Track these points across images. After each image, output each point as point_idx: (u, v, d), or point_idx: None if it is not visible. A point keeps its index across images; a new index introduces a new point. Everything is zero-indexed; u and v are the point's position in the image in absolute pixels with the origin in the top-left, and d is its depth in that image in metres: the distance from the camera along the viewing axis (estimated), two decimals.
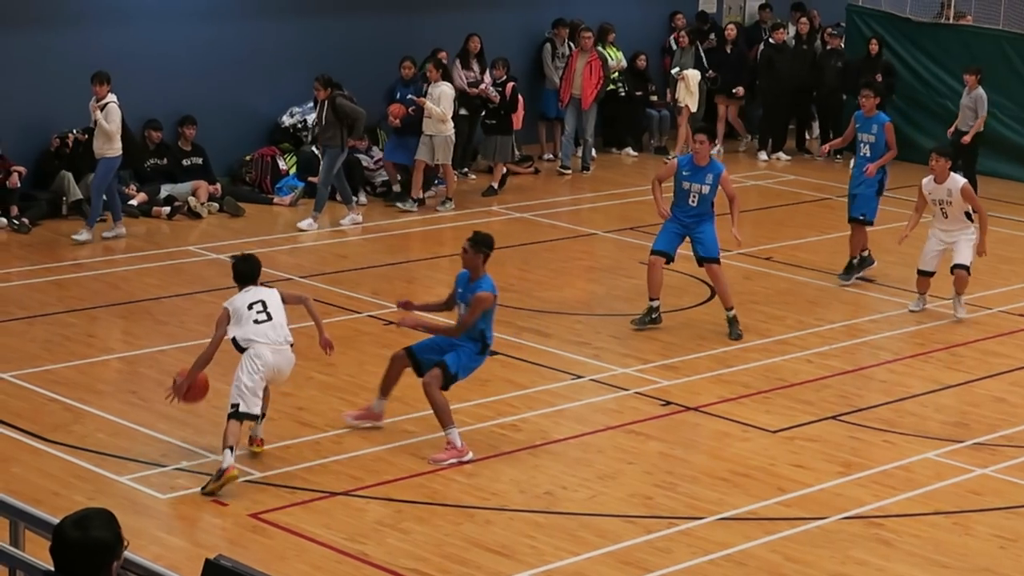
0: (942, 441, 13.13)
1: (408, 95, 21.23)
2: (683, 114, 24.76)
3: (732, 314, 15.77)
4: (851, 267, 17.81)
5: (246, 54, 21.79)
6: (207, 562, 6.74)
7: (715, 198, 15.81)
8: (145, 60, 20.87)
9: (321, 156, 20.05)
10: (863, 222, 17.73)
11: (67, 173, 19.70)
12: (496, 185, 22.17)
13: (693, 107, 24.79)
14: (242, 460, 12.04)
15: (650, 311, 15.87)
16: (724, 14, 27.70)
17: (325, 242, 19.50)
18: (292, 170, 21.66)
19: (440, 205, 21.10)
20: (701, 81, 24.87)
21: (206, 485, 11.50)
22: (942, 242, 16.34)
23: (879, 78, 24.23)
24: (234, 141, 21.63)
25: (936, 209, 16.34)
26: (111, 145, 18.50)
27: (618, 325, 16.01)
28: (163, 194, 20.43)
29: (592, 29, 23.96)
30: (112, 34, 20.62)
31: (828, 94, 25.00)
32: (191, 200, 20.33)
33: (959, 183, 16.19)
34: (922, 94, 25.01)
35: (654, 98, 25.52)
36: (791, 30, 26.01)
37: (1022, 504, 11.93)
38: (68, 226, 18.87)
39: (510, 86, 22.29)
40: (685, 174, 15.80)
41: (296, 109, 22.02)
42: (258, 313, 11.96)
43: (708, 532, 11.17)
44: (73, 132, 19.50)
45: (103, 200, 18.71)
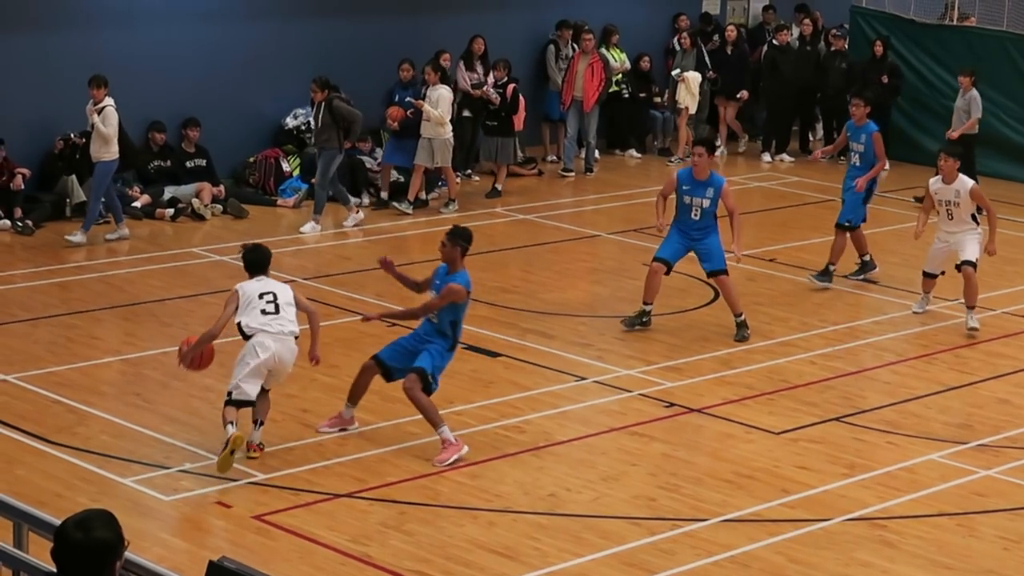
0: (946, 443, 13.12)
1: (407, 98, 21.20)
2: (682, 115, 24.77)
3: (741, 319, 15.77)
4: (827, 272, 17.69)
5: (250, 56, 21.80)
6: (210, 564, 6.74)
7: (717, 210, 15.77)
8: (149, 62, 20.88)
9: (317, 158, 20.02)
10: (847, 228, 17.65)
11: (71, 175, 19.70)
12: (500, 187, 22.17)
13: (692, 108, 24.78)
14: (244, 462, 12.06)
15: (641, 314, 15.86)
16: (728, 15, 27.70)
17: (328, 244, 19.51)
18: (296, 172, 21.66)
19: (443, 207, 21.10)
20: (702, 82, 24.89)
21: (219, 463, 11.77)
22: (946, 243, 16.26)
23: (885, 79, 24.26)
24: (238, 143, 21.64)
25: (942, 210, 16.23)
26: (108, 149, 18.49)
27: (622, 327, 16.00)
28: (167, 196, 20.43)
29: (594, 31, 23.96)
30: (116, 36, 20.63)
31: (833, 95, 24.99)
32: (195, 202, 20.34)
33: (968, 184, 16.08)
34: (926, 95, 24.99)
35: (658, 100, 25.52)
36: (795, 31, 26.01)
37: None
38: (71, 228, 18.86)
39: (511, 87, 22.28)
40: (685, 188, 15.76)
41: (300, 111, 22.02)
42: (267, 304, 12.16)
43: (712, 534, 11.17)
44: (71, 135, 19.49)
45: (103, 203, 18.71)
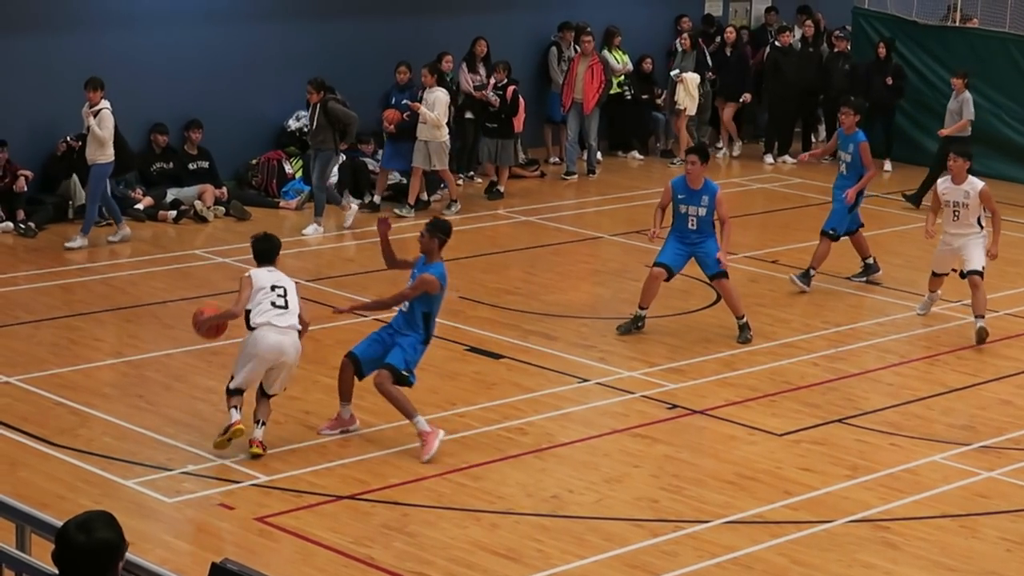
0: (949, 444, 13.11)
1: (403, 100, 21.16)
2: (681, 118, 24.77)
3: (743, 321, 15.76)
4: (806, 275, 17.65)
5: (252, 58, 21.80)
6: (213, 566, 6.73)
7: (714, 218, 15.74)
8: (151, 64, 20.88)
9: (314, 160, 19.99)
10: (832, 236, 17.60)
11: (74, 177, 19.70)
12: (502, 188, 22.16)
13: (691, 110, 24.76)
14: (248, 464, 12.06)
15: (636, 319, 15.84)
16: (730, 17, 27.70)
17: (331, 246, 19.52)
18: (298, 174, 21.66)
19: (446, 209, 21.10)
20: (702, 83, 24.89)
21: (215, 443, 12.13)
22: (949, 246, 16.11)
23: (889, 81, 24.26)
24: (240, 145, 21.64)
25: (948, 211, 16.05)
26: (103, 151, 18.49)
27: None
28: (169, 198, 20.44)
29: (594, 33, 23.93)
30: (118, 38, 20.63)
31: (836, 97, 24.95)
32: (197, 204, 20.34)
33: (978, 186, 15.90)
34: (928, 97, 24.98)
35: (660, 101, 25.53)
36: (797, 33, 26.01)
37: None
38: (74, 230, 18.85)
39: (511, 89, 22.24)
40: (680, 197, 15.72)
41: (302, 113, 21.99)
42: (278, 297, 12.27)
43: (714, 535, 11.16)
44: (67, 138, 19.47)
45: (100, 206, 18.70)
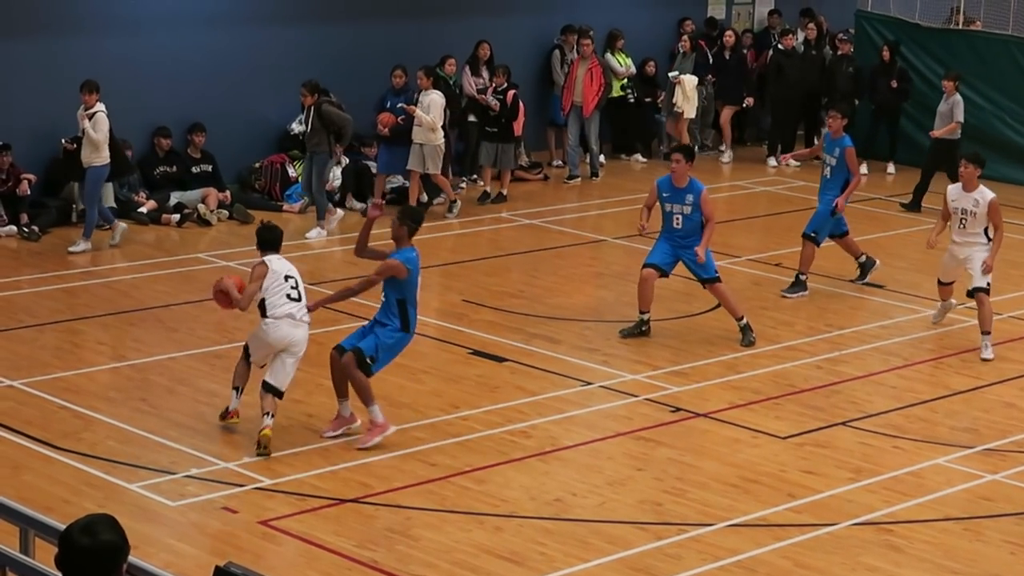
0: (952, 447, 13.10)
1: (399, 104, 21.14)
2: (681, 121, 24.76)
3: (743, 323, 15.75)
4: (798, 283, 17.62)
5: (255, 61, 21.80)
6: (217, 569, 6.73)
7: (701, 217, 15.72)
8: (155, 68, 20.90)
9: (311, 163, 19.96)
10: (812, 239, 17.54)
11: (77, 181, 19.69)
12: (505, 192, 22.16)
13: (689, 112, 24.74)
14: (251, 467, 12.07)
15: (639, 323, 15.84)
16: (733, 20, 27.70)
17: (334, 249, 19.53)
18: (301, 177, 21.65)
19: (448, 212, 21.09)
20: (700, 85, 24.89)
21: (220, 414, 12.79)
22: (955, 256, 15.82)
23: (894, 84, 24.26)
24: (243, 148, 21.65)
25: (955, 218, 15.81)
26: (99, 154, 18.48)
27: None
28: (172, 201, 20.45)
29: (592, 36, 23.91)
30: (122, 41, 20.65)
31: (840, 100, 24.96)
32: (201, 207, 20.36)
33: (988, 196, 15.61)
34: (931, 99, 24.88)
35: (659, 103, 25.50)
36: (800, 36, 26.01)
37: None
38: (78, 234, 18.85)
39: (511, 93, 22.19)
40: (665, 195, 15.73)
41: None
42: (292, 288, 12.59)
43: (718, 538, 11.16)
44: (63, 140, 19.47)
45: (91, 208, 18.70)
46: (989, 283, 15.62)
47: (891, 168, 24.73)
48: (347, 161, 21.76)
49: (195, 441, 12.60)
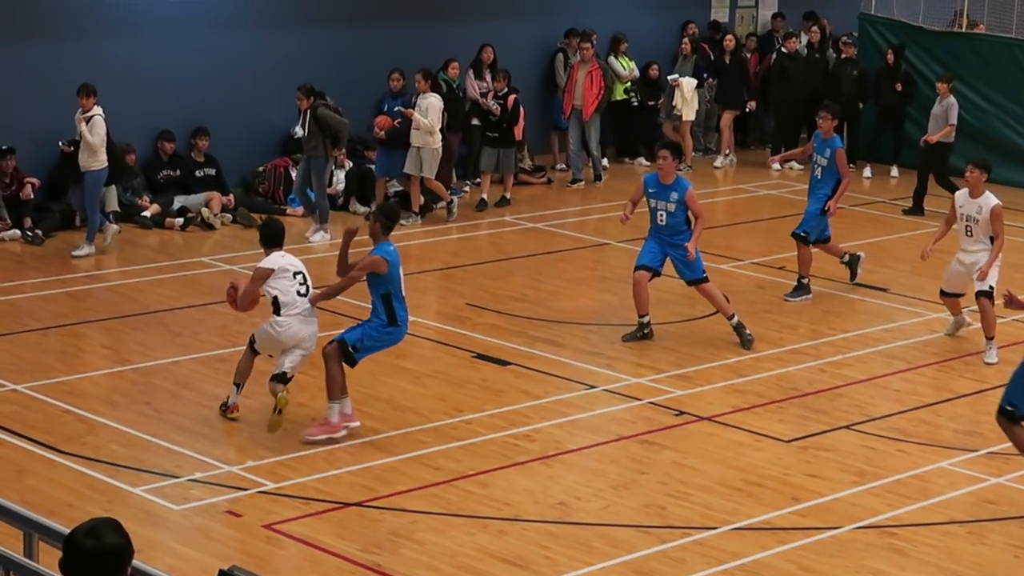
0: (956, 450, 13.10)
1: (396, 107, 21.12)
2: (683, 123, 24.78)
3: (735, 321, 15.74)
4: (800, 287, 17.60)
5: (259, 65, 21.82)
6: (221, 573, 6.75)
7: (688, 214, 15.70)
8: (158, 71, 20.92)
9: (310, 168, 19.92)
10: (804, 240, 17.55)
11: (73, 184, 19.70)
12: (508, 195, 22.16)
13: (688, 115, 24.73)
14: (256, 471, 12.08)
15: (641, 327, 15.84)
16: (736, 23, 27.71)
17: (337, 252, 19.47)
18: (295, 181, 21.63)
19: (448, 215, 21.05)
20: (699, 88, 24.88)
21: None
22: (962, 265, 15.71)
23: (899, 87, 24.25)
24: (247, 152, 21.66)
25: (961, 226, 15.70)
26: (96, 158, 18.47)
27: None
28: (176, 205, 20.47)
29: (593, 40, 23.90)
30: (125, 45, 20.67)
31: (845, 103, 24.97)
32: (204, 211, 20.37)
33: (991, 202, 15.50)
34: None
35: (658, 105, 25.48)
36: (803, 39, 26.01)
37: None
38: (81, 238, 18.86)
39: (512, 98, 22.15)
40: (651, 191, 15.74)
41: None
42: (300, 284, 12.82)
43: (722, 542, 11.16)
44: (61, 143, 19.47)
45: (93, 212, 18.68)
46: (992, 287, 15.50)
47: (895, 171, 24.73)
48: (350, 165, 21.77)
49: (199, 445, 12.61)
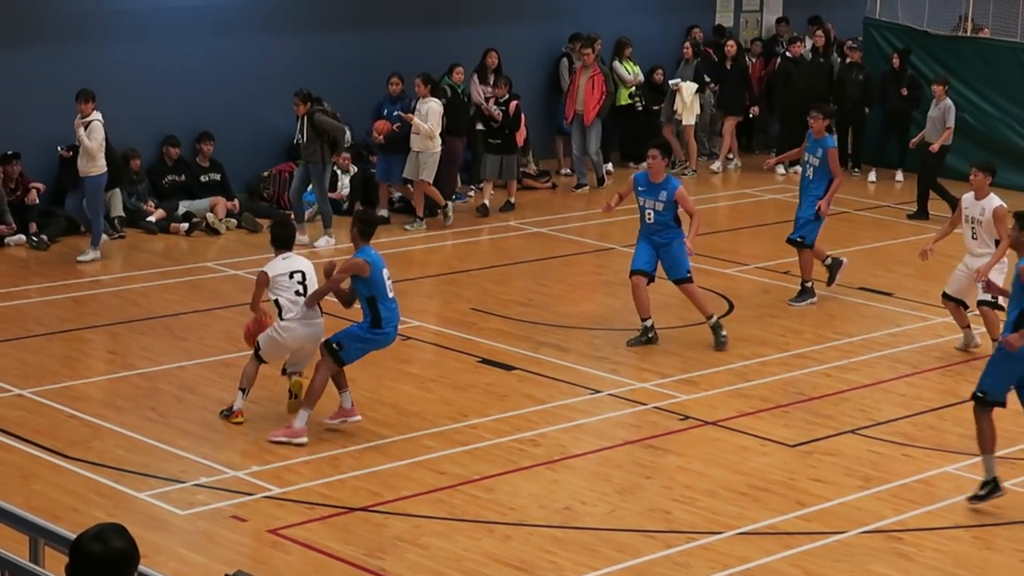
0: (961, 455, 13.07)
1: (395, 111, 21.11)
2: (688, 129, 24.78)
3: (713, 322, 15.75)
4: (804, 290, 17.59)
5: (264, 70, 21.82)
6: None
7: (676, 213, 15.70)
8: (163, 76, 20.93)
9: (305, 174, 19.86)
10: (801, 244, 17.52)
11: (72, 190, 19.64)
12: (512, 200, 22.14)
13: (689, 120, 24.70)
14: (261, 476, 12.08)
15: (645, 331, 15.84)
16: (741, 28, 27.71)
17: (343, 258, 19.47)
18: (310, 186, 21.65)
19: (444, 220, 20.95)
20: (701, 93, 24.87)
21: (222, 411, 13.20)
22: (968, 268, 15.48)
23: (904, 92, 24.24)
24: (252, 157, 21.67)
25: (967, 228, 15.56)
26: (95, 163, 18.44)
27: None
28: (181, 210, 20.48)
29: (595, 45, 23.88)
30: (130, 50, 20.69)
31: (850, 108, 24.99)
32: (209, 216, 20.38)
33: (994, 204, 15.36)
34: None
35: (659, 108, 25.47)
36: (807, 43, 26.01)
37: None
38: (86, 243, 18.87)
39: (513, 104, 22.12)
40: (640, 190, 15.78)
41: None
42: (299, 284, 12.87)
43: (727, 547, 11.15)
44: (60, 148, 19.47)
45: (72, 218, 18.67)
46: (996, 299, 15.17)
47: (899, 176, 24.72)
48: (355, 169, 21.78)
49: (204, 450, 12.61)
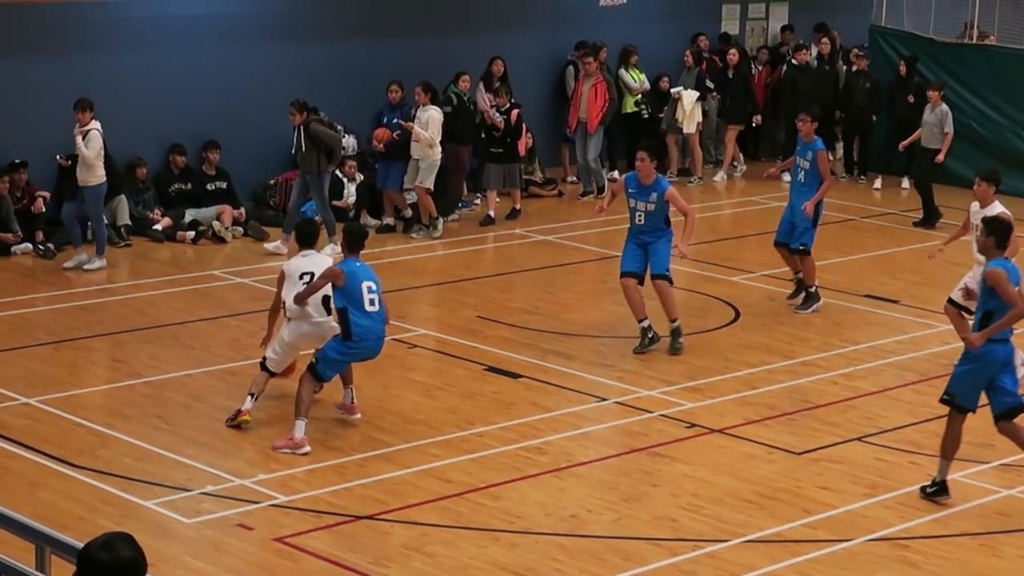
0: (968, 462, 13.06)
1: (395, 119, 21.11)
2: (692, 138, 24.79)
3: (675, 325, 15.80)
4: (810, 296, 17.60)
5: (270, 78, 21.84)
6: None
7: (667, 215, 15.75)
8: (169, 85, 20.96)
9: (302, 184, 19.85)
10: (803, 252, 17.51)
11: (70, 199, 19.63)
12: (518, 206, 22.13)
13: (689, 128, 24.69)
14: (267, 484, 12.09)
15: (644, 333, 15.85)
16: (747, 36, 27.72)
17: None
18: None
19: (432, 231, 20.80)
20: (701, 100, 24.86)
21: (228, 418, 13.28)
22: (975, 275, 15.26)
23: (911, 99, 24.22)
24: (258, 165, 21.69)
25: (973, 236, 15.28)
26: (93, 173, 18.43)
27: None
28: (188, 219, 20.50)
29: (597, 54, 23.88)
30: (136, 59, 20.72)
31: (858, 115, 24.99)
32: (216, 224, 20.40)
33: (995, 211, 15.15)
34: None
35: (662, 116, 25.47)
36: (813, 51, 26.02)
37: None
38: (92, 252, 18.87)
39: (515, 113, 22.12)
40: (631, 191, 15.85)
41: None
42: (305, 285, 13.03)
43: (734, 554, 11.15)
44: (58, 157, 19.48)
45: (99, 225, 18.69)
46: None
47: (905, 183, 24.70)
48: (361, 178, 21.80)
49: (211, 458, 12.62)
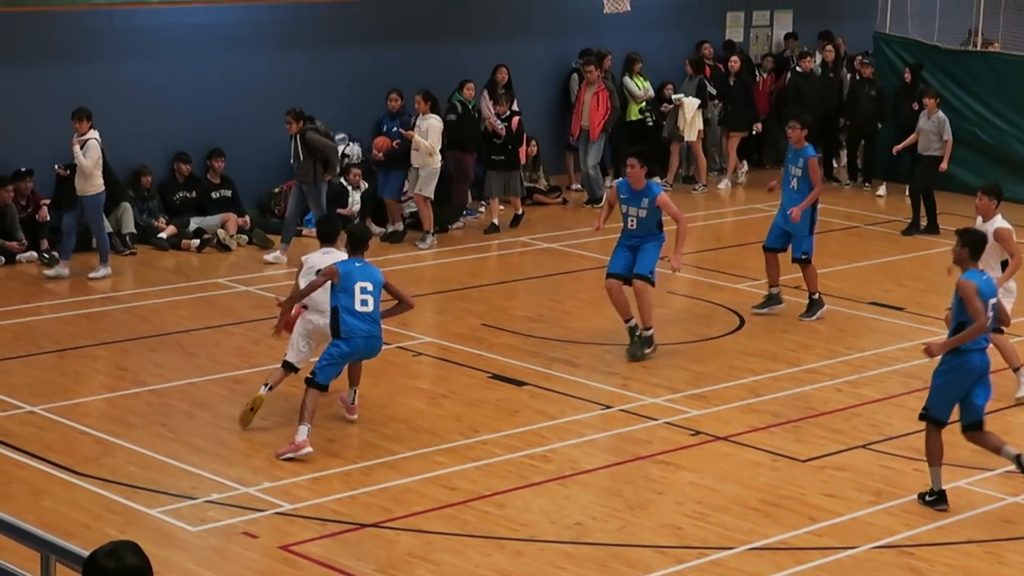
0: (974, 469, 13.05)
1: (394, 128, 21.11)
2: (695, 146, 24.80)
3: (649, 333, 15.80)
4: (813, 303, 17.52)
5: (275, 86, 21.85)
6: None
7: (660, 220, 15.76)
8: (174, 93, 20.97)
9: (299, 194, 19.85)
10: (805, 261, 17.52)
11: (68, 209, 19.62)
12: (520, 212, 22.12)
13: (690, 136, 24.68)
14: (272, 492, 12.09)
15: (631, 332, 15.87)
16: (751, 43, 27.72)
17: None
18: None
19: (420, 242, 20.74)
20: (703, 108, 24.85)
21: (240, 417, 13.47)
22: None
23: (916, 106, 24.19)
24: (263, 173, 21.69)
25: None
26: (91, 182, 18.41)
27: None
28: (192, 227, 20.51)
29: (601, 61, 23.85)
30: (141, 67, 20.73)
31: (863, 122, 24.97)
32: (220, 232, 20.41)
33: (996, 224, 15.05)
34: (951, 122, 24.91)
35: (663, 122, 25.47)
36: (818, 58, 26.02)
37: None
38: (97, 260, 18.87)
39: (516, 120, 22.11)
40: (623, 197, 15.87)
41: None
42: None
43: (739, 562, 11.14)
44: (57, 166, 19.48)
45: (100, 234, 18.70)
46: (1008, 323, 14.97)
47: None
48: (366, 186, 21.81)
49: (216, 466, 12.62)
